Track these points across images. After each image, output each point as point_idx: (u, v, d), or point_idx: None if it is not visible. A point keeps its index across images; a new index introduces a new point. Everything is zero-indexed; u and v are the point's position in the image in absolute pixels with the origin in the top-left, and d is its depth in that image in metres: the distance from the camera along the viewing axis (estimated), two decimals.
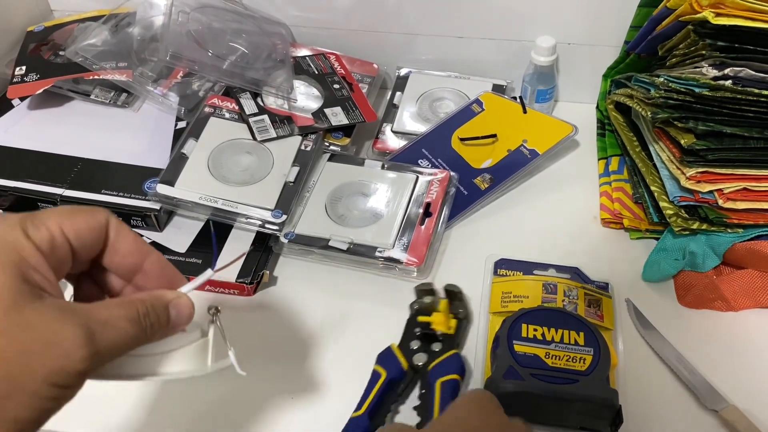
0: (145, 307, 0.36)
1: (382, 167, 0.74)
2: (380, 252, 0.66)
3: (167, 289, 0.39)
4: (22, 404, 0.30)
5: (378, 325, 0.62)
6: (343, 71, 0.83)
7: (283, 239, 0.67)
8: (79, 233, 0.36)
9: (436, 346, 0.57)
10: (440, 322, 0.57)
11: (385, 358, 0.56)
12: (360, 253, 0.66)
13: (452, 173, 0.72)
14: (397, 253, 0.65)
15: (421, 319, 0.58)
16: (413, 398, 0.57)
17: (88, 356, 0.31)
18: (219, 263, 0.42)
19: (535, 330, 0.55)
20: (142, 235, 0.41)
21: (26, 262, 0.32)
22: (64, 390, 0.31)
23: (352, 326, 0.63)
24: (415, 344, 0.57)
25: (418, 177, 0.72)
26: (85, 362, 0.31)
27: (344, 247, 0.66)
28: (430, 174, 0.72)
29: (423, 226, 0.68)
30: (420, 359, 0.56)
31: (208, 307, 0.42)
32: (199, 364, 0.41)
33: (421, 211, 0.69)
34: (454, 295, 0.60)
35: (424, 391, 0.54)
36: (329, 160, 0.74)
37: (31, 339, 0.30)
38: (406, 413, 0.56)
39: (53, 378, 0.30)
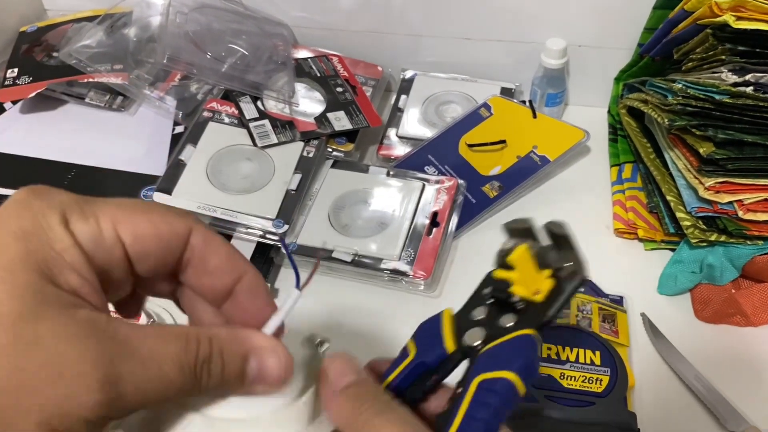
0: (209, 349, 0.26)
1: (387, 174, 0.71)
2: (386, 264, 0.63)
3: (253, 321, 0.29)
4: None
5: (382, 340, 0.60)
6: (346, 74, 0.81)
7: (284, 250, 0.64)
8: (141, 238, 0.26)
9: (508, 320, 0.32)
10: (523, 280, 0.32)
11: (426, 330, 0.34)
12: (365, 265, 0.63)
13: (460, 181, 0.70)
14: (403, 265, 0.63)
15: (498, 274, 0.33)
16: None
17: (103, 403, 0.23)
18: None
19: (550, 349, 0.53)
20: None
21: (59, 258, 0.24)
22: None
23: (357, 341, 0.60)
24: (479, 312, 0.33)
25: (424, 185, 0.70)
26: (96, 410, 0.23)
27: (348, 258, 0.63)
28: (437, 181, 0.70)
29: (430, 237, 0.65)
30: (475, 337, 0.33)
31: (310, 337, 0.31)
32: None
33: (428, 220, 0.66)
34: (556, 239, 0.33)
35: (459, 389, 0.31)
36: (332, 166, 0.72)
37: (33, 366, 0.22)
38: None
39: (52, 422, 0.22)
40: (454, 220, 0.67)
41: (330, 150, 0.74)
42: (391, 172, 0.71)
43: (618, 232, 0.69)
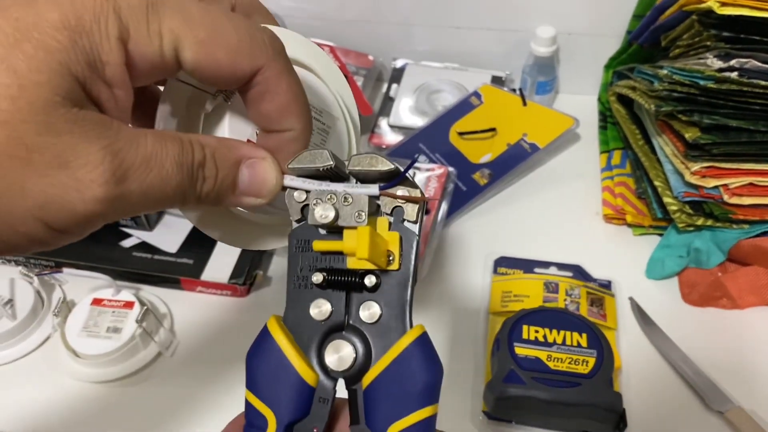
0: (203, 154, 0.25)
1: None
2: None
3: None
4: None
5: None
6: (337, 63, 0.81)
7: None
8: (200, 67, 0.24)
9: (370, 309, 0.25)
10: (363, 248, 0.24)
11: (265, 369, 0.25)
12: None
13: (450, 168, 0.71)
14: None
15: (320, 246, 0.25)
16: None
17: (105, 198, 0.22)
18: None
19: (537, 332, 0.54)
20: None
21: (99, 69, 0.22)
22: (55, 234, 0.22)
23: None
24: (321, 307, 0.26)
25: (415, 173, 0.70)
26: (96, 204, 0.22)
27: None
28: (428, 169, 0.70)
29: None
30: (341, 357, 0.25)
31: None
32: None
33: None
34: (376, 177, 0.25)
35: None
36: None
37: (43, 147, 0.21)
38: None
39: (45, 211, 0.21)
40: (444, 207, 0.68)
41: None
42: None
43: (607, 217, 0.69)
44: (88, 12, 0.22)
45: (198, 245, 0.65)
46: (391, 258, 0.25)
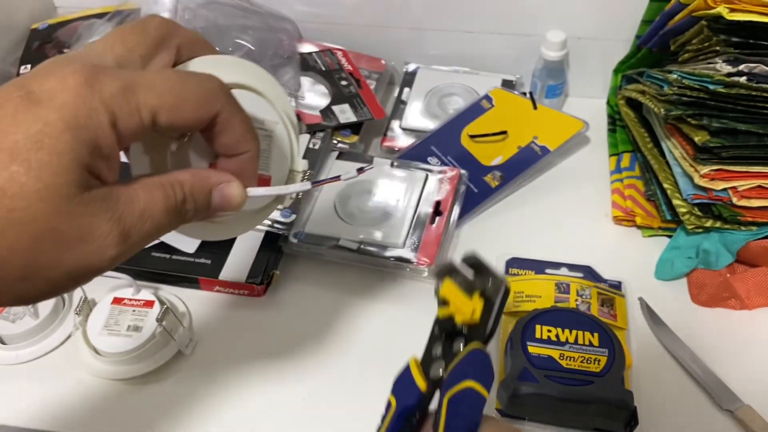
0: (183, 193, 0.33)
1: (391, 165, 0.73)
2: (390, 252, 0.65)
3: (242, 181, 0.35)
4: (35, 288, 0.29)
5: (389, 325, 0.62)
6: (350, 67, 0.83)
7: (292, 239, 0.66)
8: (173, 124, 0.31)
9: (459, 344, 0.38)
10: (459, 308, 0.38)
11: (400, 381, 0.39)
12: (370, 253, 0.65)
13: (462, 171, 0.72)
14: (407, 252, 0.65)
15: (441, 313, 0.39)
16: None
17: (117, 255, 0.30)
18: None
19: (549, 331, 0.55)
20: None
21: (99, 150, 0.29)
22: (79, 282, 0.30)
23: (363, 327, 0.62)
24: (437, 349, 0.39)
25: (427, 175, 0.71)
26: (111, 261, 0.30)
27: (354, 247, 0.65)
28: (440, 172, 0.72)
29: (433, 225, 0.67)
30: (438, 368, 0.39)
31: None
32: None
33: (431, 209, 0.68)
34: (475, 267, 0.39)
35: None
36: (337, 158, 0.74)
37: (69, 230, 0.28)
38: None
39: (76, 272, 0.29)
40: (457, 209, 0.69)
41: (335, 142, 0.76)
42: (395, 163, 0.73)
43: (616, 219, 0.70)
44: (81, 109, 0.28)
45: (215, 246, 0.66)
46: (474, 314, 0.36)
